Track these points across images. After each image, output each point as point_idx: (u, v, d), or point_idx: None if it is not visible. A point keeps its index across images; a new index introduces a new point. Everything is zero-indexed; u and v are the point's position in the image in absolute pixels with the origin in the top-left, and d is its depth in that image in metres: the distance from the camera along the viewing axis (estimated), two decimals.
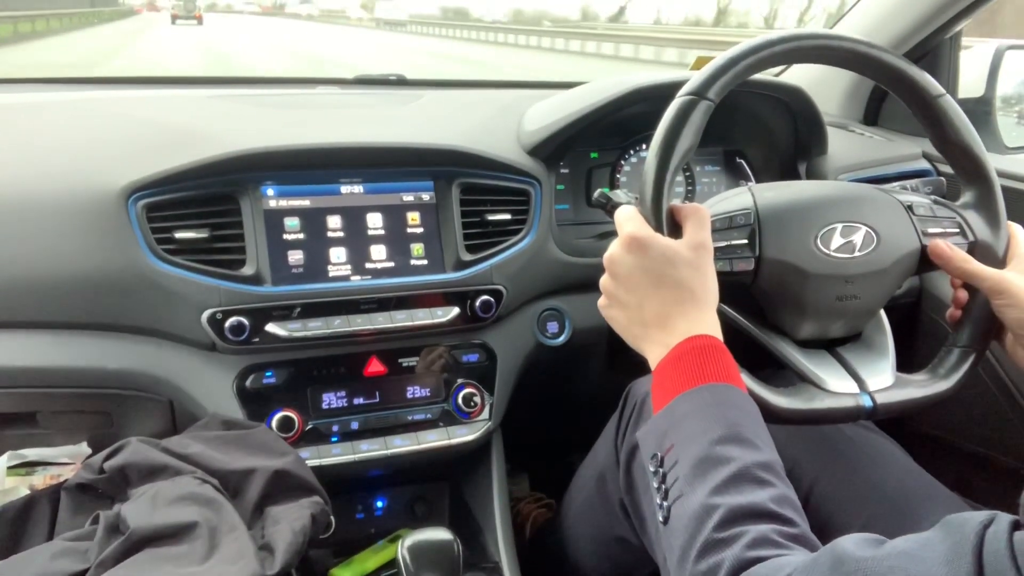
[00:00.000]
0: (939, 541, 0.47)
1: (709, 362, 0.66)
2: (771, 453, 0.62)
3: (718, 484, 0.58)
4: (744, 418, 0.63)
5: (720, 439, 0.60)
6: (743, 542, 0.54)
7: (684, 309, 0.69)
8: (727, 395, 0.64)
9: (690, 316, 0.68)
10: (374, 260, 1.04)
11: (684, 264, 0.70)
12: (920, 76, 0.81)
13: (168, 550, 0.74)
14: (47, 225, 0.94)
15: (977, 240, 0.83)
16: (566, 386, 1.30)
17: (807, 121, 1.26)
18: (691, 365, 0.66)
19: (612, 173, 1.30)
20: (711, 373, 0.65)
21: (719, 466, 0.59)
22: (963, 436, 1.30)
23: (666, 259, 0.70)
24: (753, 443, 0.61)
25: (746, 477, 0.58)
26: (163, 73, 8.43)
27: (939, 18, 1.36)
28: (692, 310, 0.69)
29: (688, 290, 0.69)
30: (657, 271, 0.70)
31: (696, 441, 0.61)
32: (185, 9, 35.03)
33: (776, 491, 0.58)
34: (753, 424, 0.63)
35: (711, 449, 0.60)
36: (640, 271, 0.71)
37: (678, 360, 0.66)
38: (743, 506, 0.56)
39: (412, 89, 1.53)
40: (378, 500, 1.16)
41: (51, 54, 13.91)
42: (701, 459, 0.60)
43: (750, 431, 0.62)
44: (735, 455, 0.59)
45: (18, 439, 0.98)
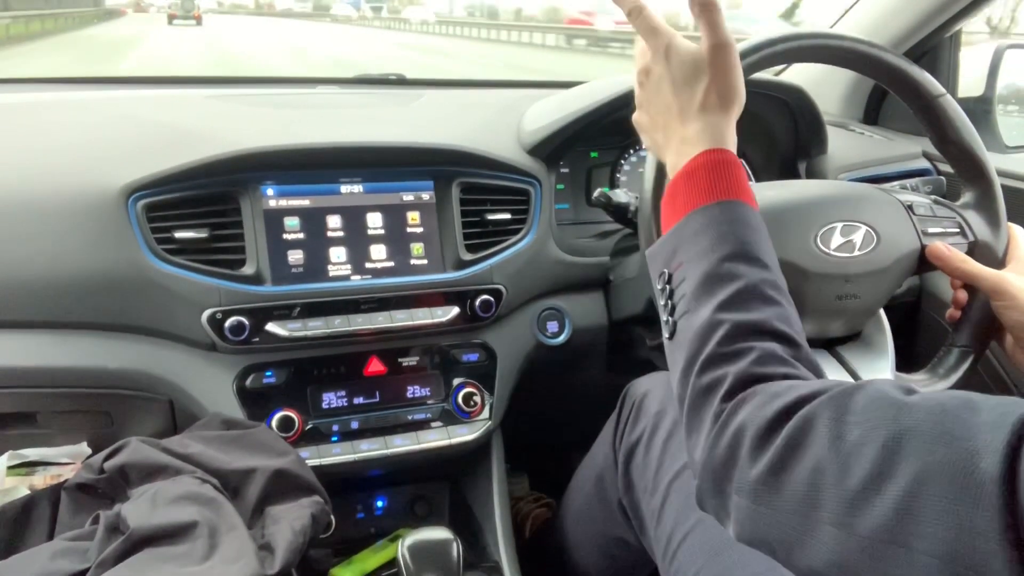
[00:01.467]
0: (983, 408, 0.44)
1: (721, 177, 0.64)
2: (777, 273, 0.62)
3: (724, 300, 0.58)
4: (753, 235, 0.62)
5: (728, 256, 0.60)
6: (749, 358, 0.55)
7: (705, 116, 0.66)
8: (737, 212, 0.63)
9: (711, 125, 0.66)
10: (374, 260, 1.04)
11: (707, 69, 0.67)
12: (920, 75, 0.81)
13: (168, 550, 0.74)
14: (47, 225, 0.94)
15: (977, 240, 0.83)
16: (566, 386, 1.30)
17: (807, 120, 1.26)
18: (703, 180, 0.64)
19: (612, 172, 1.30)
20: (722, 189, 0.63)
21: (726, 282, 0.59)
22: None
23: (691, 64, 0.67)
24: (761, 261, 0.61)
25: (753, 293, 0.58)
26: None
27: (939, 17, 1.36)
28: (713, 117, 0.66)
29: (707, 95, 0.67)
30: (682, 78, 0.67)
31: (705, 258, 0.61)
32: (183, 8, 32.78)
33: (781, 309, 0.58)
34: (761, 242, 0.63)
35: (719, 266, 0.60)
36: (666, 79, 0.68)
37: (691, 175, 0.65)
38: (749, 322, 0.56)
39: (412, 89, 1.53)
40: (378, 500, 1.17)
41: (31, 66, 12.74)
42: (709, 275, 0.60)
43: (758, 248, 0.61)
44: (743, 272, 0.59)
45: (18, 439, 0.98)
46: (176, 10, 32.19)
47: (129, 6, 42.96)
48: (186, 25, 30.20)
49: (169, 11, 32.44)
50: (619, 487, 0.95)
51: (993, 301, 0.78)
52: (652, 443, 0.90)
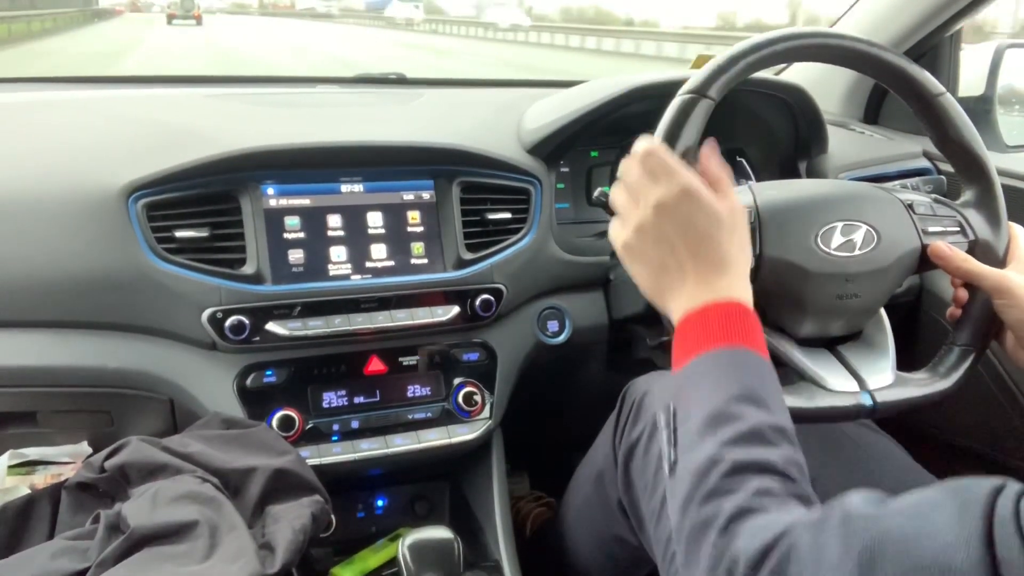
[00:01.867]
0: (947, 502, 0.46)
1: (734, 325, 0.64)
2: (785, 418, 0.62)
3: (727, 439, 0.58)
4: (761, 381, 0.62)
5: (734, 397, 0.60)
6: (746, 491, 0.55)
7: (726, 272, 0.67)
8: (747, 358, 0.63)
9: (727, 280, 0.67)
10: (374, 259, 1.04)
11: (727, 228, 0.67)
12: (920, 74, 0.81)
13: (168, 549, 0.74)
14: (47, 224, 0.94)
15: (978, 239, 0.82)
16: (566, 385, 1.30)
17: (807, 120, 1.26)
18: (716, 325, 0.64)
19: (612, 172, 1.30)
20: (736, 335, 0.64)
21: (731, 422, 0.59)
22: (962, 435, 1.30)
23: (714, 220, 0.67)
24: (767, 405, 0.61)
25: (756, 436, 0.58)
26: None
27: (939, 16, 1.36)
28: (730, 274, 0.67)
29: (728, 255, 0.67)
30: (706, 231, 0.67)
31: (711, 397, 0.61)
32: (182, 8, 32.30)
33: (784, 452, 0.58)
34: (770, 388, 0.63)
35: (724, 406, 0.60)
36: (691, 225, 0.67)
37: (704, 318, 0.65)
38: (749, 461, 0.57)
39: (412, 88, 1.53)
40: (378, 499, 1.16)
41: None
42: (713, 414, 0.60)
43: (765, 393, 0.61)
44: (747, 414, 0.59)
45: (19, 438, 0.98)
46: (175, 10, 32.26)
47: (125, 6, 42.41)
48: (186, 25, 30.30)
49: (168, 11, 32.90)
50: (619, 486, 0.95)
51: (995, 300, 0.78)
52: (652, 442, 0.90)
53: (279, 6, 59.78)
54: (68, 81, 1.44)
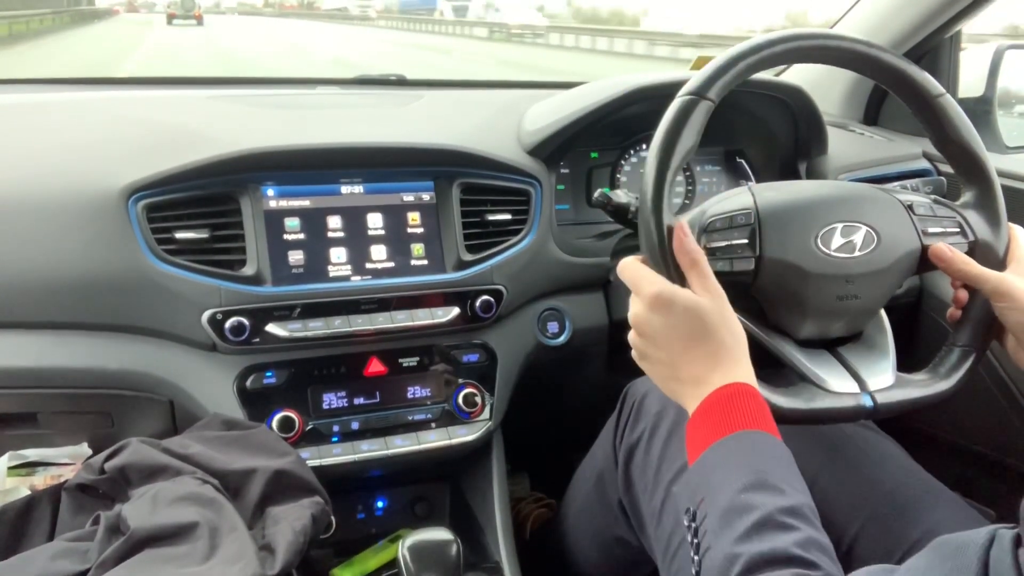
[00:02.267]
0: (938, 567, 0.46)
1: (736, 409, 0.65)
2: (799, 495, 0.62)
3: (741, 533, 0.58)
4: (770, 462, 0.63)
5: (745, 487, 0.60)
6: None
7: (718, 362, 0.68)
8: (753, 441, 0.64)
9: (723, 368, 0.68)
10: (374, 260, 1.04)
11: (711, 313, 0.69)
12: (920, 75, 0.81)
13: (169, 550, 0.74)
14: (48, 225, 0.94)
15: (977, 239, 0.82)
16: (566, 386, 1.30)
17: (807, 121, 1.26)
18: (719, 415, 0.65)
19: (612, 173, 1.30)
20: (738, 420, 0.64)
21: (743, 514, 0.59)
22: (963, 435, 1.30)
23: (693, 314, 0.69)
24: (778, 488, 0.61)
25: (769, 524, 0.58)
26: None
27: (939, 18, 1.36)
28: (725, 361, 0.68)
29: (719, 342, 0.68)
30: (686, 328, 0.69)
31: (722, 491, 0.61)
32: (183, 8, 31.29)
33: (801, 535, 0.58)
34: (780, 467, 0.63)
35: (736, 498, 0.60)
36: (669, 329, 0.70)
37: (707, 412, 0.66)
38: (765, 553, 0.56)
39: (412, 89, 1.53)
40: (379, 500, 1.16)
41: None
42: (726, 509, 0.60)
43: (776, 476, 0.62)
44: (759, 502, 0.59)
45: (19, 439, 0.98)
46: (176, 9, 31.16)
47: (122, 6, 40.97)
48: (186, 25, 29.42)
49: (168, 10, 31.58)
50: (619, 487, 0.95)
51: (995, 303, 0.78)
52: (652, 443, 0.90)
53: (287, 6, 57.96)
54: (68, 83, 1.45)
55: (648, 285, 0.70)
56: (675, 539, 0.82)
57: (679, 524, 0.82)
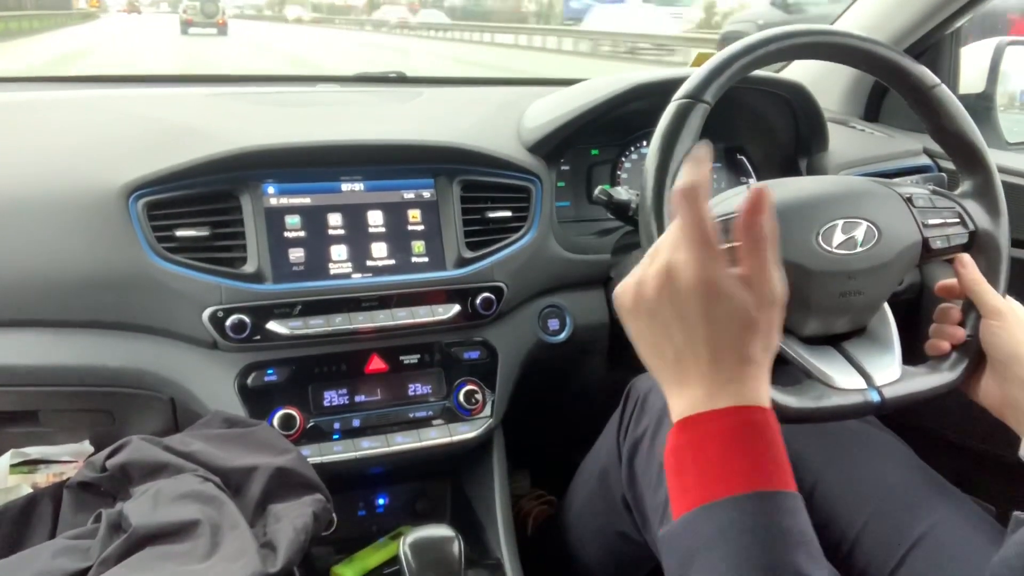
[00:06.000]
0: None
1: (744, 453, 0.52)
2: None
3: None
4: (783, 546, 0.50)
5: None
6: None
7: (735, 375, 0.55)
8: (763, 513, 0.51)
9: (740, 380, 0.55)
10: (375, 258, 1.04)
11: (751, 327, 0.56)
12: (915, 67, 0.81)
13: (170, 548, 0.74)
14: (48, 223, 0.94)
15: (978, 229, 0.83)
16: (567, 383, 1.30)
17: (808, 117, 1.26)
18: (720, 456, 0.52)
19: (613, 170, 1.30)
20: (745, 471, 0.51)
21: None
22: (966, 432, 1.30)
23: (733, 320, 0.55)
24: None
25: None
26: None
27: (940, 14, 1.36)
28: (745, 375, 0.55)
29: (747, 355, 0.55)
30: (718, 329, 0.55)
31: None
32: (203, 13, 22.99)
33: None
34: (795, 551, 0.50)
35: None
36: (699, 317, 0.55)
37: (703, 444, 0.53)
38: None
39: (412, 87, 1.53)
40: (380, 497, 1.16)
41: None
42: None
43: (789, 568, 0.50)
44: None
45: (20, 437, 0.98)
46: (192, 15, 22.99)
47: (125, 6, 36.24)
48: (206, 35, 22.16)
49: (183, 15, 23.27)
50: (623, 482, 0.95)
51: (988, 320, 0.78)
52: (656, 439, 0.90)
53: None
54: (69, 80, 1.45)
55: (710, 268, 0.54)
56: None
57: None
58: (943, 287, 0.85)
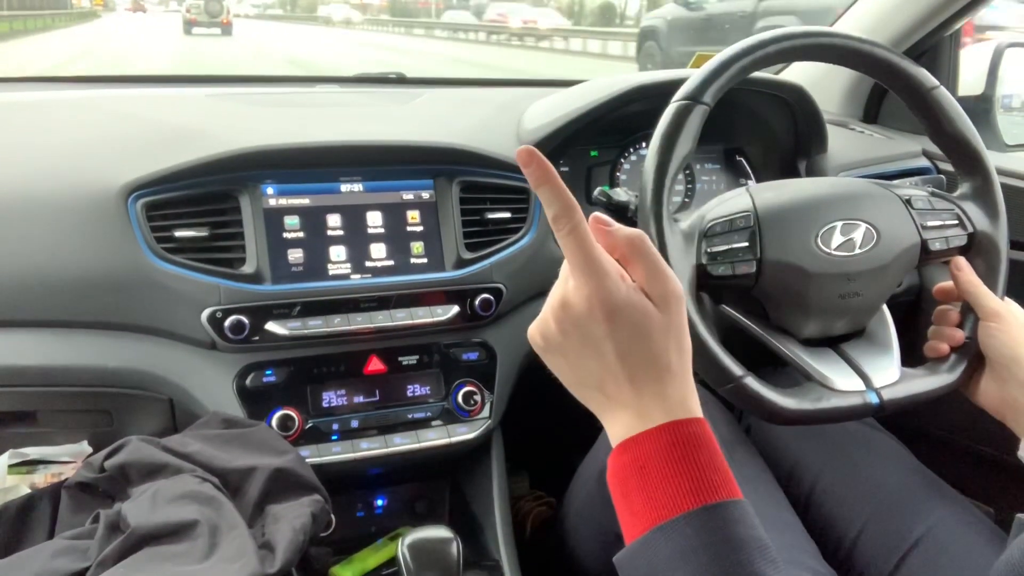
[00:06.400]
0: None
1: (686, 469, 0.52)
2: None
3: None
4: (737, 554, 0.50)
5: None
6: None
7: (659, 383, 0.54)
8: (713, 524, 0.51)
9: (665, 391, 0.54)
10: (374, 258, 1.04)
11: (658, 331, 0.54)
12: (914, 69, 0.82)
13: (168, 548, 0.74)
14: (47, 224, 0.94)
15: (976, 230, 0.83)
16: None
17: (807, 119, 1.26)
18: (664, 475, 0.52)
19: (612, 171, 1.30)
20: (689, 486, 0.51)
21: None
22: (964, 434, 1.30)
23: (641, 318, 0.54)
24: None
25: None
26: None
27: (939, 16, 1.36)
28: (668, 383, 0.54)
29: (663, 360, 0.54)
30: (628, 334, 0.54)
31: None
32: (207, 12, 22.29)
33: None
34: (750, 555, 0.50)
35: None
36: (607, 334, 0.54)
37: (646, 467, 0.53)
38: None
39: (411, 88, 1.53)
40: (378, 498, 1.16)
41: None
42: None
43: (751, 571, 0.50)
44: None
45: (19, 437, 0.98)
46: (196, 14, 22.27)
47: (131, 5, 35.13)
48: (210, 35, 21.47)
49: (187, 15, 22.48)
50: None
51: (986, 322, 0.78)
52: None
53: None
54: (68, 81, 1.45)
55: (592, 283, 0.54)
56: None
57: None
58: (941, 290, 0.85)
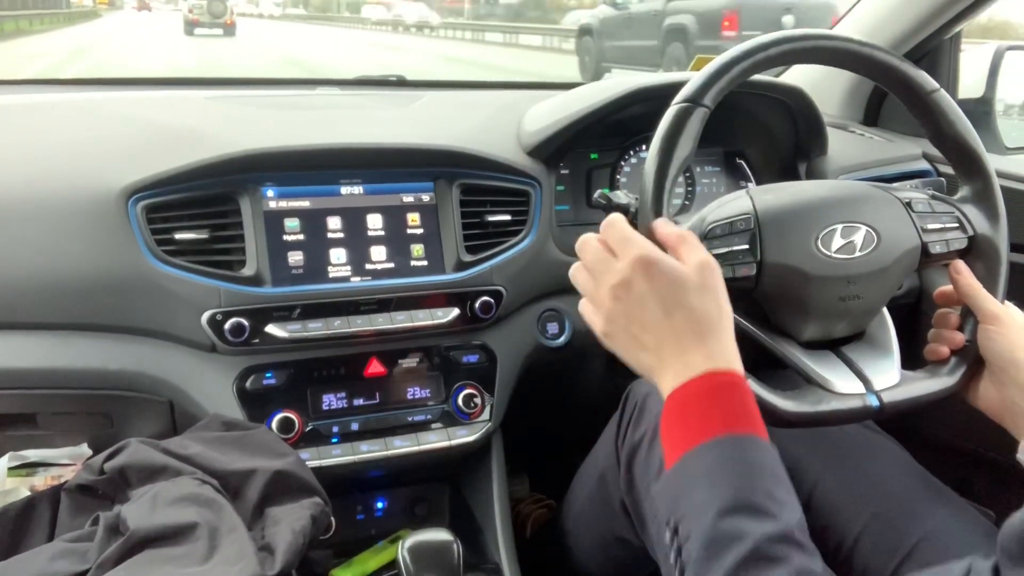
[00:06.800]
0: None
1: (719, 406, 0.60)
2: (789, 514, 0.57)
3: (729, 570, 0.54)
4: (756, 476, 0.58)
5: (729, 509, 0.56)
6: None
7: (702, 340, 0.63)
8: (737, 450, 0.59)
9: (708, 347, 0.63)
10: (374, 261, 1.04)
11: (696, 288, 0.64)
12: (914, 72, 0.81)
13: (168, 551, 0.74)
14: (47, 226, 0.94)
15: (976, 234, 0.83)
16: (566, 387, 1.30)
17: (807, 122, 1.26)
18: (700, 411, 0.61)
19: (612, 174, 1.30)
20: (721, 420, 0.59)
21: (729, 546, 0.54)
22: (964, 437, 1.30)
23: (679, 284, 0.64)
24: (766, 510, 0.56)
25: (759, 559, 0.54)
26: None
27: (939, 19, 1.36)
28: (710, 341, 0.63)
29: (705, 317, 0.64)
30: (672, 297, 0.64)
31: (704, 513, 0.56)
32: (210, 12, 20.95)
33: (792, 566, 0.54)
34: (767, 481, 0.58)
35: (720, 523, 0.55)
36: (653, 297, 0.64)
37: (686, 405, 0.62)
38: None
39: (412, 90, 1.53)
40: (378, 501, 1.16)
41: None
42: (711, 538, 0.55)
43: (762, 493, 0.57)
44: (746, 530, 0.55)
45: (19, 440, 0.98)
46: (199, 14, 21.11)
47: (138, 3, 34.40)
48: (212, 35, 20.54)
49: (189, 15, 21.21)
50: (621, 486, 0.95)
51: (985, 325, 0.78)
52: (655, 443, 0.90)
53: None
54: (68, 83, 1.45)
55: (636, 248, 0.66)
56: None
57: None
58: (941, 294, 0.85)
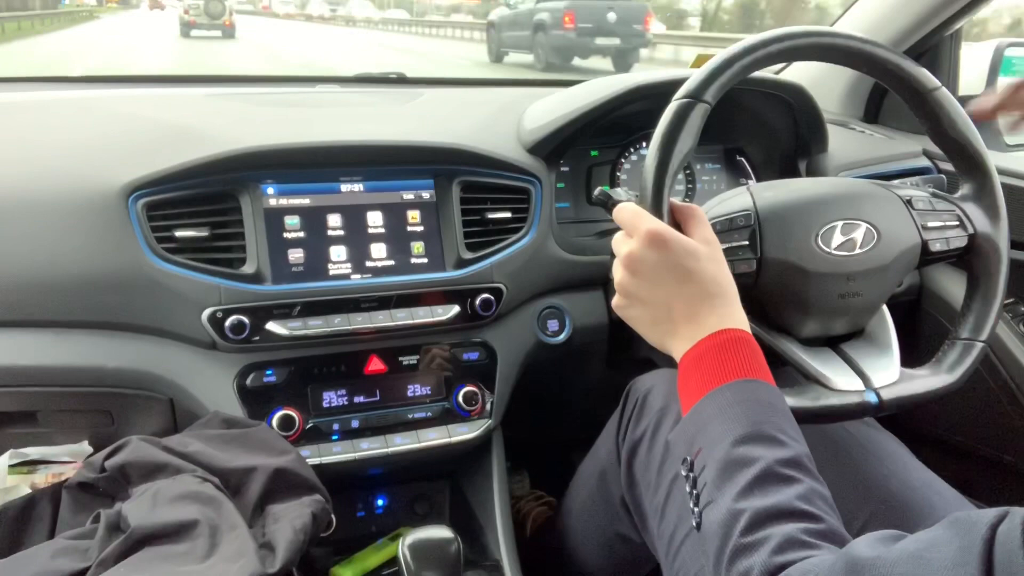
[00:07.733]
0: (947, 542, 0.46)
1: (732, 357, 0.65)
2: (798, 446, 0.61)
3: (743, 487, 0.58)
4: (767, 413, 0.62)
5: (743, 438, 0.60)
6: (770, 547, 0.54)
7: (713, 304, 0.68)
8: (750, 391, 0.63)
9: (719, 310, 0.68)
10: (374, 258, 1.04)
11: (705, 258, 0.69)
12: (915, 70, 0.81)
13: (169, 548, 0.74)
14: (47, 224, 0.94)
15: (977, 232, 0.83)
16: (566, 384, 1.30)
17: (807, 119, 1.26)
18: (714, 362, 0.65)
19: (612, 171, 1.30)
20: (734, 368, 0.64)
21: (743, 468, 0.59)
22: (964, 435, 1.30)
23: (688, 253, 0.69)
24: (776, 439, 0.60)
25: (770, 477, 0.58)
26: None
27: (939, 16, 1.36)
28: (720, 304, 0.68)
29: (714, 283, 0.69)
30: (683, 266, 0.69)
31: (720, 443, 0.61)
32: (207, 13, 20.06)
33: (802, 487, 0.58)
34: (777, 418, 0.62)
35: (734, 451, 0.60)
36: (665, 267, 0.69)
37: (701, 358, 0.66)
38: (768, 508, 0.56)
39: (412, 87, 1.53)
40: (379, 498, 1.16)
41: None
42: (726, 463, 0.60)
43: (773, 426, 0.61)
44: (758, 455, 0.59)
45: (20, 438, 0.98)
46: (195, 15, 20.21)
47: (150, 3, 33.43)
48: (210, 37, 19.65)
49: (185, 16, 20.35)
50: (622, 483, 0.95)
51: None
52: (655, 440, 0.90)
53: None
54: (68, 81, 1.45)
55: (646, 223, 0.70)
56: (678, 536, 0.82)
57: (682, 521, 0.82)
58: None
